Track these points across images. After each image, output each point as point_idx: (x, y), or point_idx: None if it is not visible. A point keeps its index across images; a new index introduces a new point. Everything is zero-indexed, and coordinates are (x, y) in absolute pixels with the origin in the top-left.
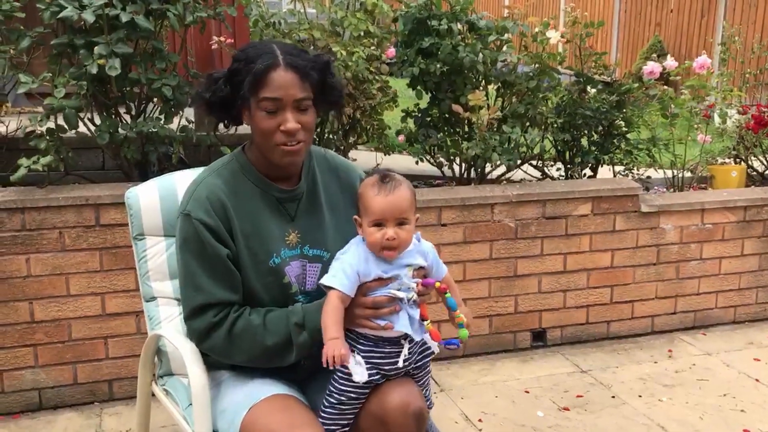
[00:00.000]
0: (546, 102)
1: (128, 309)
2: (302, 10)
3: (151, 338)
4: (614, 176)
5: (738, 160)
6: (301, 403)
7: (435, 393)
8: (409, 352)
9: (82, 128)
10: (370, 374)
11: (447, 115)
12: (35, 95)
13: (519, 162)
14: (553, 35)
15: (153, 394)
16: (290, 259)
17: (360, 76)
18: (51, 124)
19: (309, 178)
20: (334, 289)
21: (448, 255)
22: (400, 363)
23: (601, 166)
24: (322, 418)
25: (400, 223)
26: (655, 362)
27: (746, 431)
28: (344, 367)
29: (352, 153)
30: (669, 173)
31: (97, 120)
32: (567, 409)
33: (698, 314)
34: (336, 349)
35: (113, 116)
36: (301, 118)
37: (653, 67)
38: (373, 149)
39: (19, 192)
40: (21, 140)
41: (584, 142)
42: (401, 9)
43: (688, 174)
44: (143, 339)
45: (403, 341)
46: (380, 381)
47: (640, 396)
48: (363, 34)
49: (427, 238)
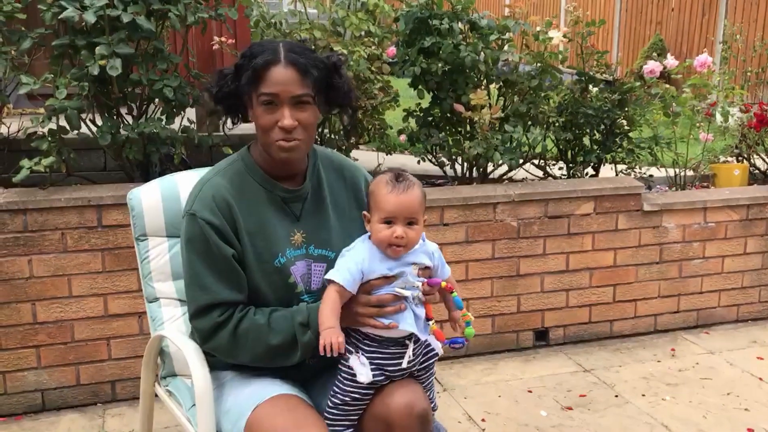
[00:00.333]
0: (548, 101)
1: (130, 310)
2: (303, 11)
3: (154, 339)
4: (616, 175)
5: (740, 158)
6: (305, 403)
7: (438, 393)
8: (413, 353)
9: (83, 129)
10: (374, 375)
11: (449, 115)
12: (37, 96)
13: (521, 161)
14: (555, 34)
15: (156, 395)
16: (295, 259)
17: (361, 75)
18: (53, 125)
19: (314, 178)
20: (334, 283)
21: (451, 255)
22: (404, 364)
23: (603, 165)
24: (326, 419)
25: (410, 223)
26: (658, 361)
27: (750, 430)
28: (346, 361)
29: (353, 153)
30: (671, 172)
31: (99, 121)
32: (570, 409)
33: (701, 313)
34: (333, 337)
35: (115, 117)
36: (299, 116)
37: (654, 66)
38: (374, 149)
39: (21, 193)
40: (23, 141)
41: (586, 141)
42: (402, 8)
43: (690, 172)
44: (146, 340)
45: (407, 342)
46: (384, 382)
47: (644, 395)
48: (364, 33)
49: (430, 237)
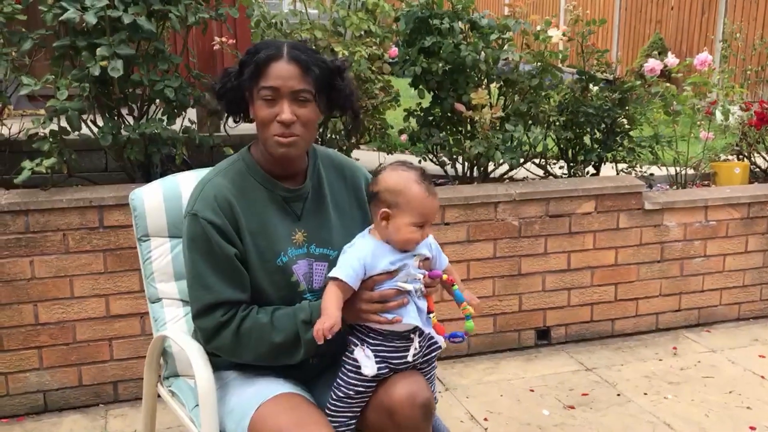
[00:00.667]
0: (548, 100)
1: (133, 310)
2: (304, 11)
3: (156, 339)
4: (617, 174)
5: (741, 156)
6: (309, 401)
7: (440, 392)
8: (419, 345)
9: (84, 130)
10: (379, 368)
11: (449, 114)
12: (38, 97)
13: (522, 160)
14: (556, 33)
15: (159, 396)
16: (297, 258)
17: (362, 75)
18: (54, 126)
19: (314, 178)
20: (336, 279)
21: (452, 254)
22: (410, 357)
23: (604, 163)
24: (329, 411)
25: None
26: (660, 360)
27: (752, 428)
28: (351, 354)
29: (354, 153)
30: (672, 170)
31: (100, 122)
32: (572, 408)
33: (702, 311)
34: (326, 321)
35: (116, 118)
36: (298, 111)
37: (655, 65)
38: (375, 149)
39: (22, 194)
40: (24, 142)
41: (587, 140)
42: (403, 8)
43: (691, 171)
44: (148, 340)
45: (412, 335)
46: (389, 375)
47: (646, 394)
48: (364, 33)
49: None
